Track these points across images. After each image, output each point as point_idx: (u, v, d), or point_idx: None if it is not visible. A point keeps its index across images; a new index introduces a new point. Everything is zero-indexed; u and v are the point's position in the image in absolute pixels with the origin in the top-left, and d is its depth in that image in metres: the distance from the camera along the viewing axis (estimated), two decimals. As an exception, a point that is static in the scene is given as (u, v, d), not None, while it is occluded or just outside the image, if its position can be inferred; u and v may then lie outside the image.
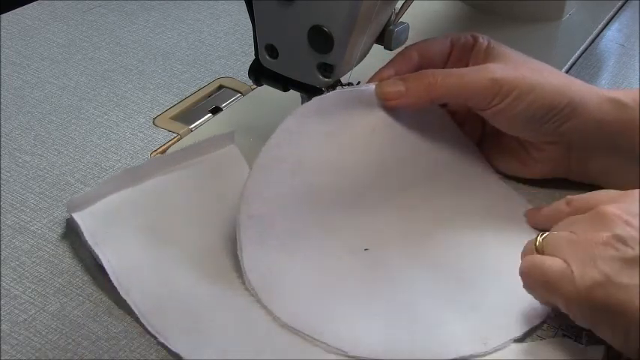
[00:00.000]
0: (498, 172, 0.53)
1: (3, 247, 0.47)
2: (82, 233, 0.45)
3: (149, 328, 0.41)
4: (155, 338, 0.41)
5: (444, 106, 0.52)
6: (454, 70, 0.48)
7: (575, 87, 0.48)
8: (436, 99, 0.48)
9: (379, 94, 0.48)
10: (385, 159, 0.49)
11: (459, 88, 0.47)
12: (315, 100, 0.46)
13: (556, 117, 0.48)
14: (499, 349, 0.41)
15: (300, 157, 0.46)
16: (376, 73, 0.50)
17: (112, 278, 0.43)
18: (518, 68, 0.48)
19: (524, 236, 0.48)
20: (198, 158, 0.50)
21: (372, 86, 0.48)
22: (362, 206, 0.48)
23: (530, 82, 0.47)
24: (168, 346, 0.40)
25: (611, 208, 0.38)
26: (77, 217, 0.46)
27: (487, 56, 0.49)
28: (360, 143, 0.48)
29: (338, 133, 0.47)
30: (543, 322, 0.43)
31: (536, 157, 0.51)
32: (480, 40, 0.50)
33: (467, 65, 0.50)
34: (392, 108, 0.48)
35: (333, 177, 0.47)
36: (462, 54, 0.51)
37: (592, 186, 0.52)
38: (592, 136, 0.49)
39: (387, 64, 0.50)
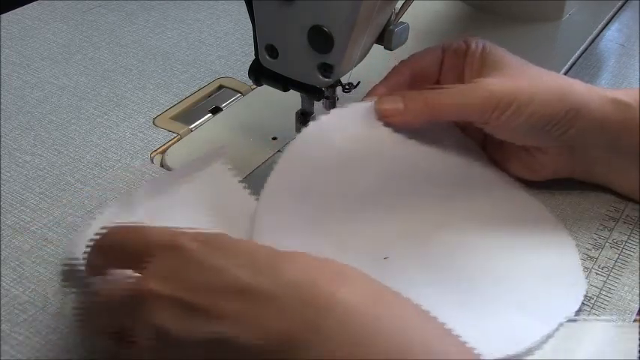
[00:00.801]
0: None
1: (3, 247, 0.47)
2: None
3: None
4: None
5: None
6: (451, 87, 0.48)
7: (576, 90, 0.48)
8: (435, 118, 0.48)
9: (377, 110, 0.47)
10: (394, 170, 0.48)
11: (458, 106, 0.47)
12: (313, 125, 0.46)
13: (558, 125, 0.47)
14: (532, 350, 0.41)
15: (307, 182, 0.45)
16: (370, 91, 0.49)
17: None
18: (516, 78, 0.47)
19: (544, 237, 0.48)
20: (189, 181, 0.48)
21: (369, 103, 0.48)
22: (375, 218, 0.47)
23: (529, 92, 0.47)
24: None
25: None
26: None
27: (483, 63, 0.49)
28: (367, 158, 0.47)
29: (343, 152, 0.47)
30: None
31: (540, 160, 0.50)
32: (473, 45, 0.49)
33: (462, 72, 0.50)
34: (390, 124, 0.48)
35: (343, 195, 0.46)
36: (456, 61, 0.50)
37: (596, 186, 0.52)
38: (595, 138, 0.49)
39: (380, 81, 0.50)
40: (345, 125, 0.47)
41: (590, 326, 0.42)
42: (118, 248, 0.37)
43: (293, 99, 0.51)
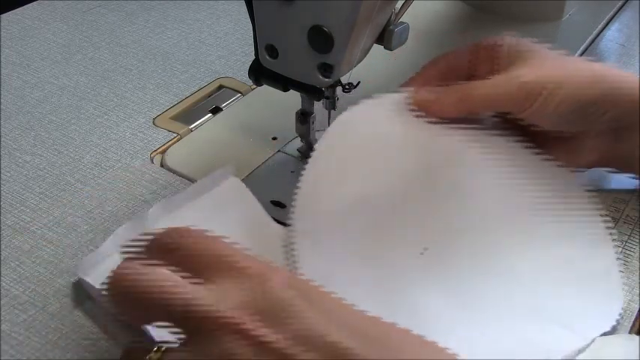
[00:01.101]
0: None
1: (3, 247, 0.47)
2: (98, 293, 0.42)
3: None
4: None
5: None
6: (484, 82, 0.48)
7: (608, 77, 0.48)
8: (468, 109, 0.49)
9: (414, 100, 0.49)
10: (429, 156, 0.48)
11: (490, 97, 0.48)
12: (343, 116, 0.47)
13: (591, 109, 0.47)
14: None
15: (343, 168, 0.46)
16: (405, 82, 0.51)
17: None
18: (546, 67, 0.48)
19: (588, 226, 0.48)
20: (202, 197, 0.48)
21: (401, 94, 0.49)
22: (414, 208, 0.47)
23: (558, 78, 0.47)
24: None
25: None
26: (91, 280, 0.42)
27: (515, 56, 0.49)
28: (401, 144, 0.48)
29: (377, 140, 0.47)
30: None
31: (586, 143, 0.50)
32: (501, 42, 0.50)
33: (494, 66, 0.50)
34: (425, 115, 0.49)
35: (379, 183, 0.47)
36: (487, 55, 0.51)
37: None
38: (634, 123, 0.48)
39: (415, 74, 0.52)
40: (377, 115, 0.48)
41: (610, 340, 0.42)
42: (181, 252, 0.34)
43: (293, 99, 0.51)
